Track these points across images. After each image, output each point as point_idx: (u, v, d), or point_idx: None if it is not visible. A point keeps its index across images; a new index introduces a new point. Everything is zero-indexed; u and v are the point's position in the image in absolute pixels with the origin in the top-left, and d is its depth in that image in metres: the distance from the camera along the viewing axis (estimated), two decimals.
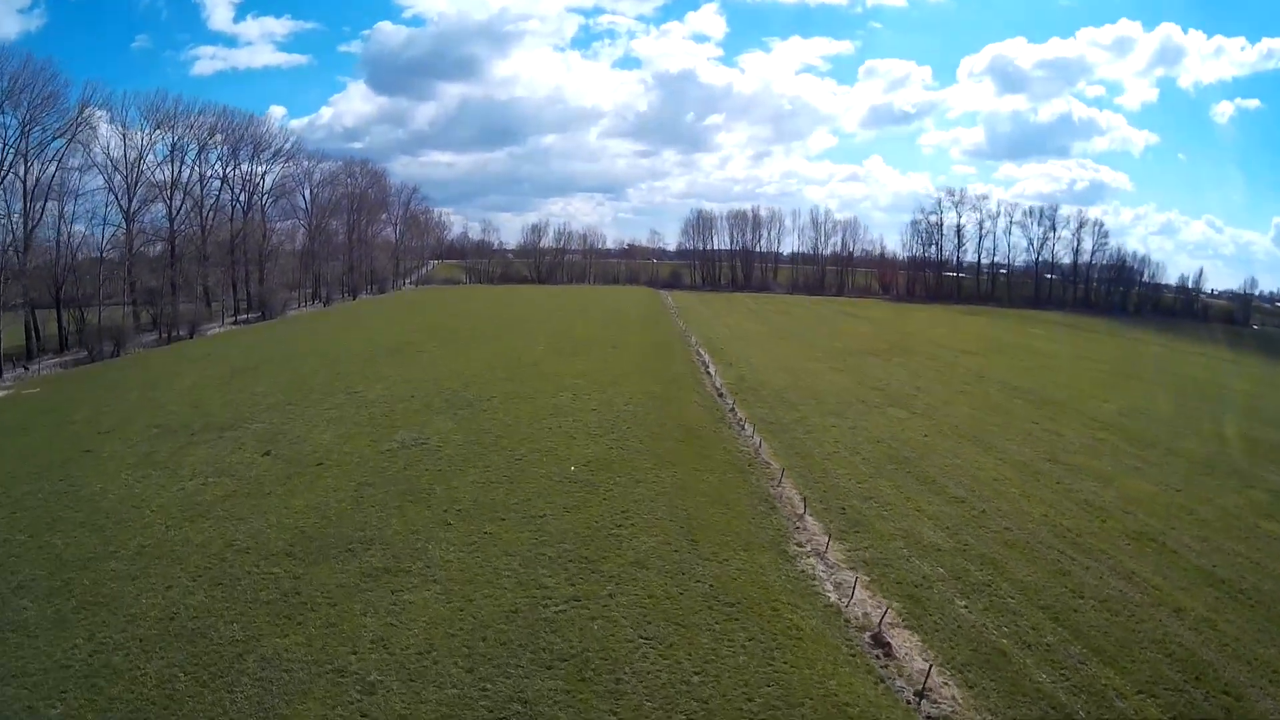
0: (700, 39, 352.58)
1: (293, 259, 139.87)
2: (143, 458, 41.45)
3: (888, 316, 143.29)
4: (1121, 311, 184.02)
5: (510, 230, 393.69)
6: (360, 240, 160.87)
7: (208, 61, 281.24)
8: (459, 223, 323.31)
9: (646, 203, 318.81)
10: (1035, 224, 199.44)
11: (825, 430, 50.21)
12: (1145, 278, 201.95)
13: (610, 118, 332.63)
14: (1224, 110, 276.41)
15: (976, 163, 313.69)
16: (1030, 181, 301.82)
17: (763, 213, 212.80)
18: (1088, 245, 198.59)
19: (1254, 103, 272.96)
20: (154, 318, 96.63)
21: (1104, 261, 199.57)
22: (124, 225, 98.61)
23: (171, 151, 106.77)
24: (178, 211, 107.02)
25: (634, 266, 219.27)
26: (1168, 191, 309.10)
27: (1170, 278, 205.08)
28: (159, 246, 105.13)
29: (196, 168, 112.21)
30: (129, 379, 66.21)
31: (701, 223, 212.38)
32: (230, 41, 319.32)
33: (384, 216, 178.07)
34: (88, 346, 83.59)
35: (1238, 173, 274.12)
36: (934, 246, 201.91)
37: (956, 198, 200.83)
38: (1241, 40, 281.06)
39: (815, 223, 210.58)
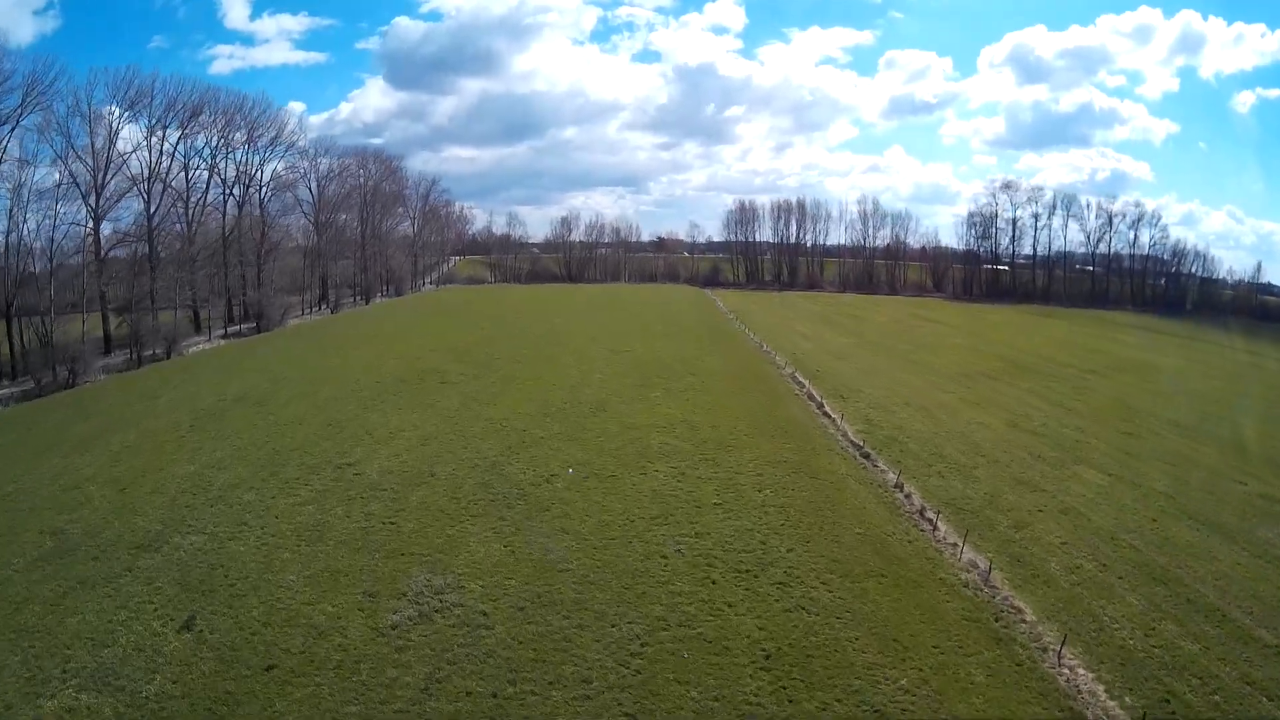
0: (719, 30, 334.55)
1: (296, 258, 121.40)
2: (3, 619, 23.59)
3: (965, 321, 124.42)
4: (1180, 309, 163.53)
5: (535, 223, 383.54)
6: (374, 236, 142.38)
7: (225, 61, 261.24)
8: (482, 217, 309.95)
9: (667, 195, 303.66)
10: (1093, 217, 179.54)
11: (1034, 519, 34.44)
12: (1201, 272, 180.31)
13: (630, 111, 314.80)
14: (1245, 100, 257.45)
15: (998, 152, 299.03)
16: (1051, 171, 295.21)
17: (808, 203, 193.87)
18: (1145, 239, 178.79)
19: (1275, 92, 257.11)
20: (131, 332, 78.55)
21: (1163, 256, 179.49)
22: (90, 225, 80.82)
23: (148, 136, 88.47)
24: (157, 207, 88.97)
25: (671, 262, 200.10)
26: (1189, 182, 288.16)
27: (1216, 270, 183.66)
28: (134, 248, 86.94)
29: (178, 156, 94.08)
30: (62, 430, 48.06)
31: (744, 215, 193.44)
32: (247, 40, 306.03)
33: (400, 210, 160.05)
34: (33, 375, 65.78)
35: (1259, 163, 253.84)
36: (989, 240, 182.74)
37: (1012, 189, 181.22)
38: (1261, 27, 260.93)
39: (863, 214, 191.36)
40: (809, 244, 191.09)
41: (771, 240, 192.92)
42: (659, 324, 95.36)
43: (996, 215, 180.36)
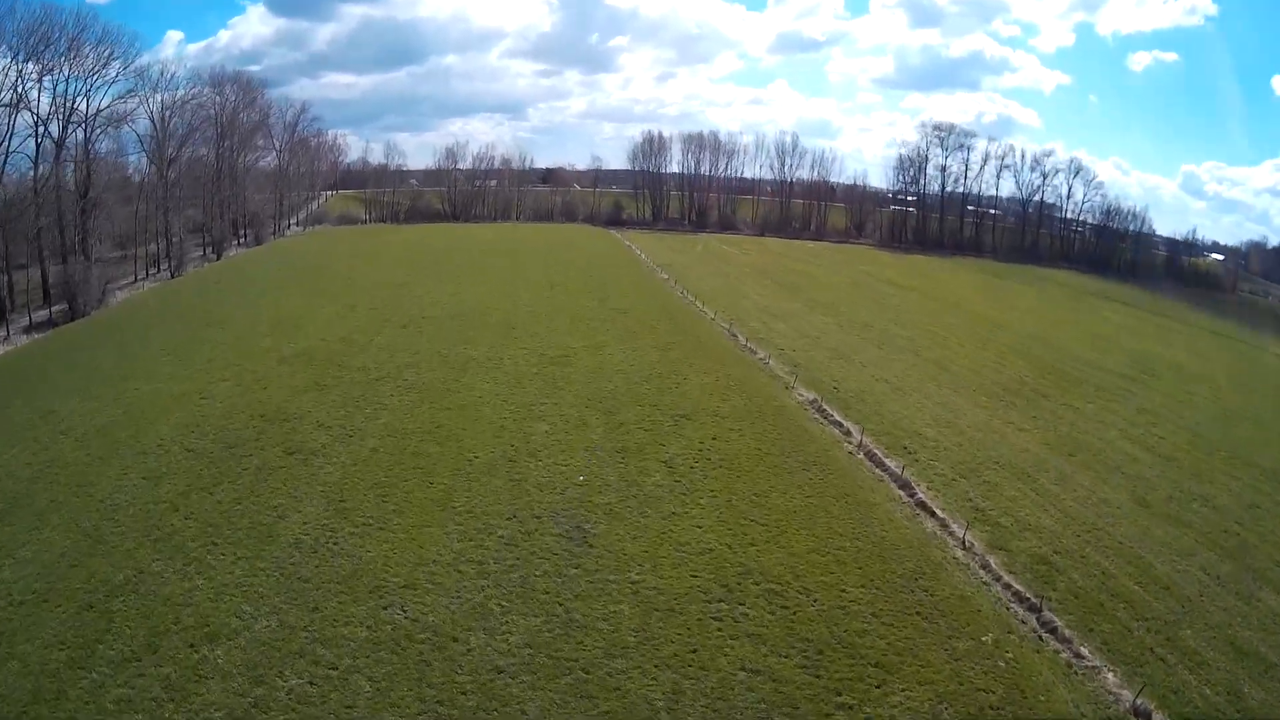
0: None
1: (139, 206, 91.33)
2: None
3: (926, 284, 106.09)
4: (1108, 267, 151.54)
5: (414, 152, 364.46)
6: (229, 174, 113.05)
7: None
8: (357, 145, 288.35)
9: (546, 122, 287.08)
10: (1027, 169, 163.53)
11: None
12: (1137, 230, 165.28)
13: (513, 38, 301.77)
14: (1141, 60, 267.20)
15: (883, 92, 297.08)
16: (936, 112, 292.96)
17: (721, 136, 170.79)
18: (1079, 195, 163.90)
19: (1172, 56, 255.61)
20: None
21: (1096, 213, 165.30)
22: None
23: None
24: None
25: (570, 199, 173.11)
26: (1076, 132, 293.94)
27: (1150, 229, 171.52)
28: None
29: None
30: None
31: (651, 146, 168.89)
32: None
33: (262, 143, 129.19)
34: None
35: (1149, 120, 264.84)
36: (916, 185, 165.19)
37: (944, 134, 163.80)
38: None
39: (780, 150, 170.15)
40: (722, 179, 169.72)
41: (679, 173, 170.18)
42: (587, 294, 72.34)
43: (927, 160, 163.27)
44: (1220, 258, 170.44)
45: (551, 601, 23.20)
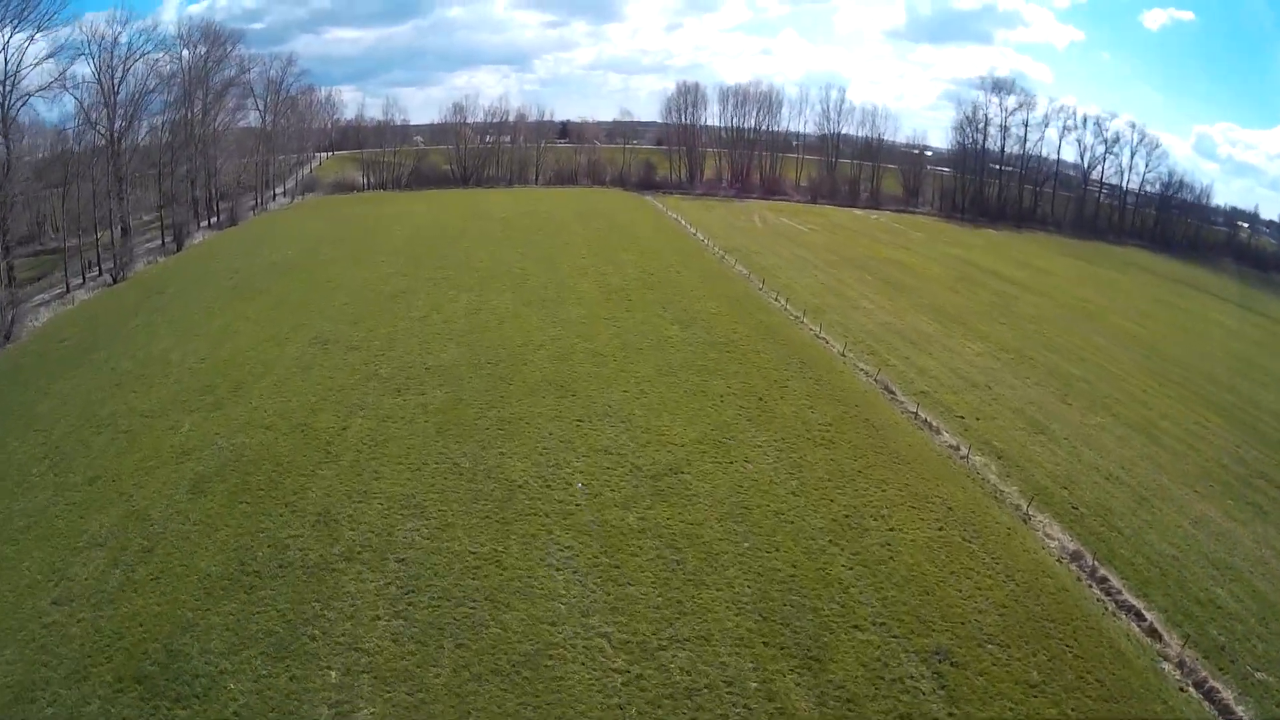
0: None
1: (88, 187, 72.46)
2: None
3: (1014, 268, 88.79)
4: (1170, 245, 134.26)
5: (417, 107, 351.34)
6: (198, 145, 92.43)
7: None
8: (355, 102, 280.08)
9: (553, 74, 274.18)
10: (1091, 135, 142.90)
11: None
12: (1198, 202, 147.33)
13: None
14: (1156, 18, 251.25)
15: (894, 43, 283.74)
16: (949, 66, 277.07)
17: (766, 90, 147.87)
18: (1140, 165, 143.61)
19: (1188, 15, 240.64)
20: None
21: (1158, 185, 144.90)
22: None
23: None
24: None
25: (597, 157, 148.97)
26: (1089, 89, 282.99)
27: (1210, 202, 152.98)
28: None
29: None
30: None
31: (688, 100, 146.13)
32: None
33: (235, 102, 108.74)
34: None
35: (1163, 79, 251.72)
36: (978, 149, 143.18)
37: (1004, 91, 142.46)
38: None
39: (826, 107, 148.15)
40: (766, 137, 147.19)
41: (715, 128, 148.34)
42: (659, 310, 53.09)
43: (988, 121, 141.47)
44: (1245, 225, 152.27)
45: None
